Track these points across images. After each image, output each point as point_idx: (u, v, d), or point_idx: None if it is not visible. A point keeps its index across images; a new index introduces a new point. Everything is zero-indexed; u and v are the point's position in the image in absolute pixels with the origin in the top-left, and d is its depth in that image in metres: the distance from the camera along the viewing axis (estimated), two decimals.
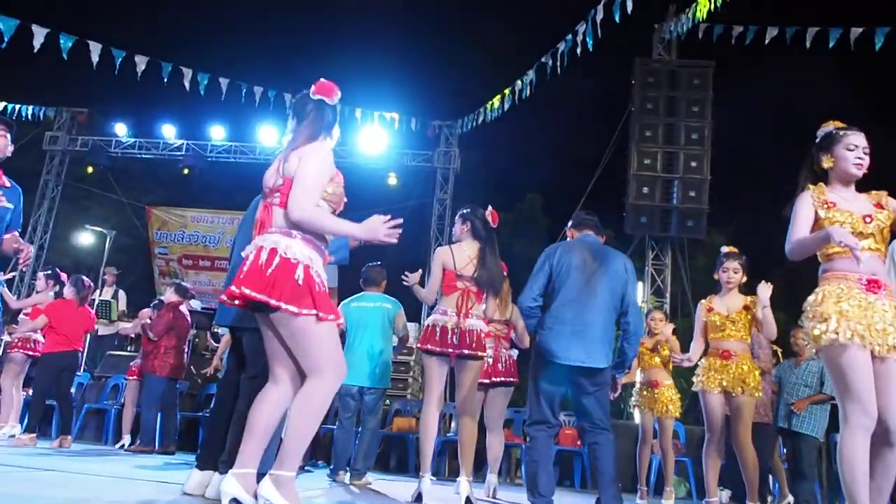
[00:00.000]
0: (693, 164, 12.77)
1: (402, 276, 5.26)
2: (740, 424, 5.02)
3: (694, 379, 5.25)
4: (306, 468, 7.94)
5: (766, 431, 6.82)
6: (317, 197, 3.05)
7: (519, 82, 12.79)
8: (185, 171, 15.63)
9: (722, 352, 5.13)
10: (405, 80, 21.03)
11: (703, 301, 5.38)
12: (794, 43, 11.35)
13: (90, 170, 16.12)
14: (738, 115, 17.20)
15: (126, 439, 8.04)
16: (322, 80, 3.26)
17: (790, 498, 7.14)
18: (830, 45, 11.14)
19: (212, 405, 4.04)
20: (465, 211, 5.00)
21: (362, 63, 21.65)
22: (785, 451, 8.12)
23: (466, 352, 4.70)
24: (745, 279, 5.33)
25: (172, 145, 15.74)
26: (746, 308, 5.18)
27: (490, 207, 4.99)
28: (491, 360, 5.80)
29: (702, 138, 12.89)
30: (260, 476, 3.53)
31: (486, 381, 5.73)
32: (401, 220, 3.18)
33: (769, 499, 7.05)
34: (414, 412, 9.66)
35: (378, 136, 14.61)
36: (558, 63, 11.74)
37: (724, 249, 5.46)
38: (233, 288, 2.91)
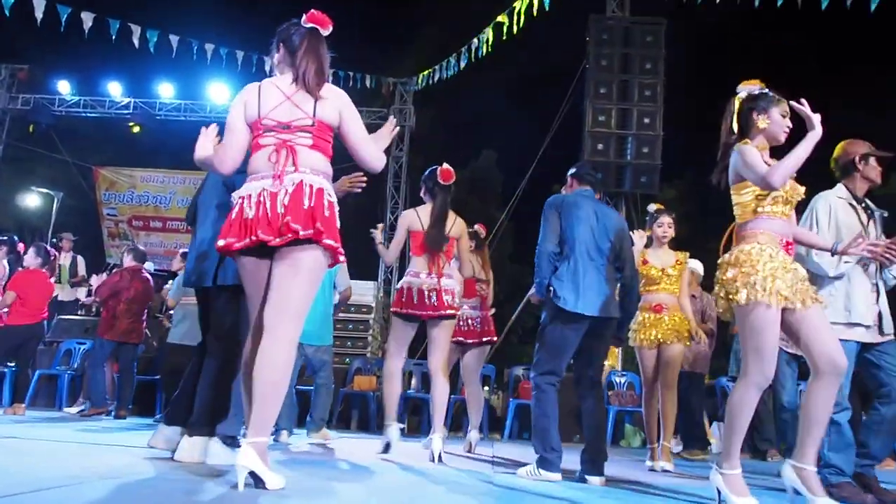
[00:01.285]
0: (646, 120, 12.88)
1: (370, 231, 5.36)
2: (668, 370, 5.36)
3: (630, 334, 5.44)
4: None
5: (699, 381, 7.27)
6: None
7: (475, 40, 12.71)
8: (136, 129, 15.28)
9: (654, 305, 5.42)
10: (358, 38, 20.73)
11: (641, 253, 5.49)
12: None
13: (31, 129, 15.63)
14: (691, 70, 17.37)
15: (85, 404, 7.98)
16: (313, 10, 3.20)
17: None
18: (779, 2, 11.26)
19: (191, 365, 4.01)
20: (424, 174, 5.08)
21: None
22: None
23: (443, 312, 4.80)
24: (673, 233, 5.60)
25: (119, 104, 15.32)
26: (679, 263, 5.47)
27: (444, 165, 5.01)
28: (479, 321, 6.05)
29: (654, 95, 12.99)
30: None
31: (474, 340, 6.00)
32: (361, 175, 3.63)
33: (710, 446, 7.35)
34: (374, 370, 9.73)
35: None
36: (514, 22, 11.69)
37: (653, 207, 5.69)
38: (293, 224, 2.82)
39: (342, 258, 3.03)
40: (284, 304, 2.90)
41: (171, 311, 7.76)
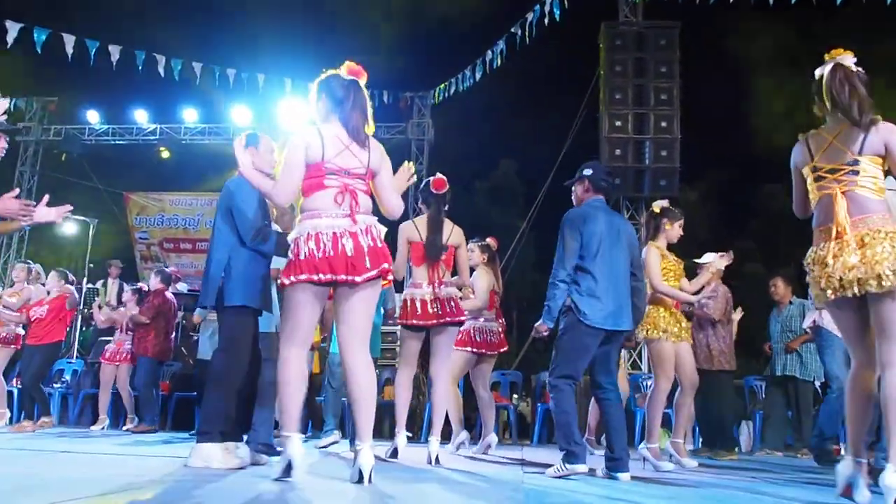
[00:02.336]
0: (663, 124, 12.97)
1: None
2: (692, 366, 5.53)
3: (652, 329, 5.32)
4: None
5: (723, 379, 7.00)
6: None
7: (490, 52, 12.92)
8: (165, 154, 15.65)
9: (675, 303, 5.45)
10: (375, 55, 21.04)
11: (654, 247, 5.41)
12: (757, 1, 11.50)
13: (63, 157, 16.08)
14: (706, 73, 17.42)
15: (105, 421, 8.32)
16: (350, 63, 3.53)
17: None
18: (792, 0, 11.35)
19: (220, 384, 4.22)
20: (420, 187, 5.19)
21: (334, 40, 21.63)
22: (763, 397, 8.57)
23: (447, 319, 4.93)
24: None
25: (146, 130, 15.66)
26: (678, 261, 5.57)
27: (438, 174, 5.14)
28: (498, 332, 6.24)
29: (671, 98, 13.07)
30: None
31: (493, 352, 6.19)
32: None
33: (737, 447, 7.42)
34: None
35: None
36: (527, 33, 11.90)
37: (664, 204, 5.57)
38: (371, 271, 3.29)
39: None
40: (363, 333, 3.41)
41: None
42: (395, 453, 4.92)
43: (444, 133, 16.32)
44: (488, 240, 6.44)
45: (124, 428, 8.30)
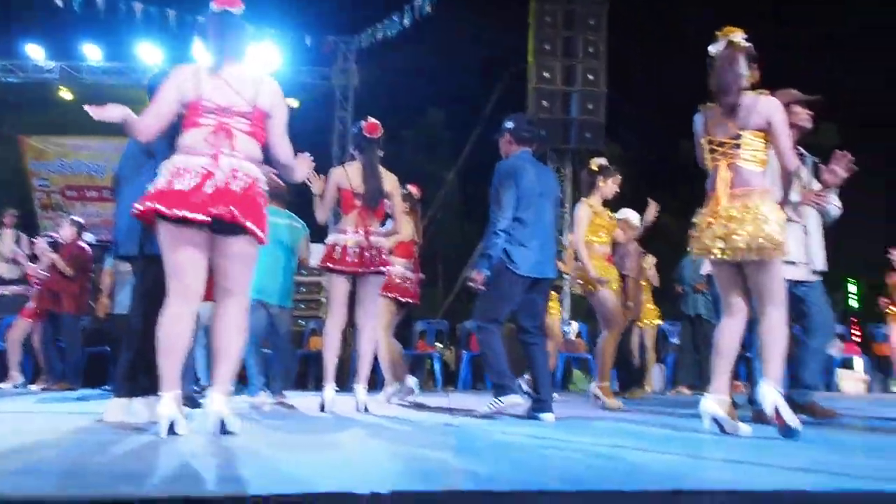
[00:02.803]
0: (591, 77, 13.06)
1: (307, 180, 5.07)
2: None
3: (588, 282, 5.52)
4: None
5: (631, 325, 7.58)
6: None
7: None
8: (66, 94, 14.69)
9: (609, 256, 5.63)
10: None
11: (586, 204, 5.59)
12: None
13: None
14: (634, 26, 17.54)
15: (18, 378, 7.98)
16: None
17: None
18: None
19: (125, 337, 4.04)
20: (352, 132, 5.11)
21: None
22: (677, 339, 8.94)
23: (372, 268, 4.88)
24: None
25: (43, 68, 14.70)
26: (611, 218, 5.71)
27: (369, 119, 5.02)
28: (411, 281, 6.11)
29: (598, 52, 13.16)
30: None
31: (405, 300, 6.05)
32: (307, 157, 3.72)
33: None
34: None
35: (271, 54, 13.87)
36: None
37: (602, 161, 5.72)
38: (215, 210, 2.95)
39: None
40: (232, 286, 3.19)
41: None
42: (322, 407, 4.78)
43: (370, 80, 15.98)
44: (409, 188, 6.25)
45: (38, 387, 7.95)
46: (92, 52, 14.63)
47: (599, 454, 2.66)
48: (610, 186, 5.63)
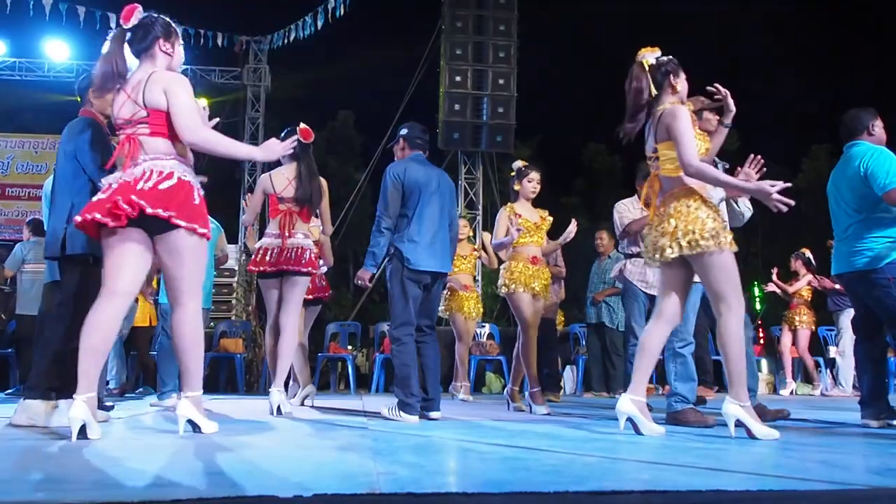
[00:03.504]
0: (501, 81, 13.30)
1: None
2: (538, 319, 5.61)
3: (504, 284, 5.57)
4: (134, 394, 7.87)
5: (551, 327, 7.85)
6: (200, 120, 3.29)
7: (332, 0, 12.63)
8: None
9: (532, 257, 5.58)
10: None
11: (507, 207, 5.68)
12: None
13: None
14: (543, 33, 17.92)
15: None
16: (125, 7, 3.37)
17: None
18: None
19: (41, 338, 3.96)
20: (281, 135, 5.09)
21: None
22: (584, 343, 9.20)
23: (292, 268, 4.98)
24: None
25: None
26: (542, 219, 5.72)
27: (302, 124, 5.12)
28: (320, 278, 6.09)
29: (508, 56, 13.41)
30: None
31: (310, 297, 5.94)
32: (296, 136, 3.85)
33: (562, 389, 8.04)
34: (239, 333, 9.73)
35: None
36: None
37: (519, 163, 5.83)
38: (130, 199, 3.01)
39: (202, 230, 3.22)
40: (178, 285, 3.25)
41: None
42: (279, 411, 4.72)
43: (282, 81, 15.82)
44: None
45: None
46: None
47: (518, 456, 2.73)
48: (526, 186, 5.66)
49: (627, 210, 5.78)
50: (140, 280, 3.26)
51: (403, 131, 4.94)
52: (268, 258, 5.01)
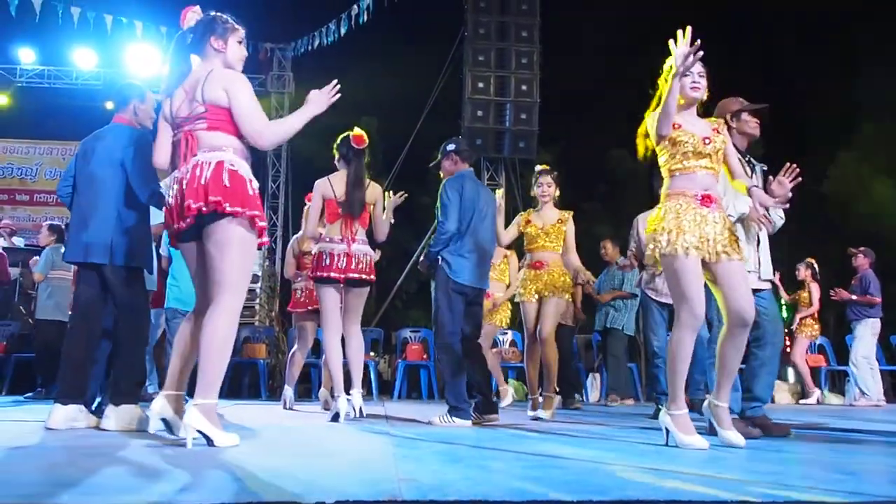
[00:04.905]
0: (524, 87, 13.30)
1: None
2: (545, 322, 5.52)
3: (516, 292, 5.79)
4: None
5: (565, 332, 7.73)
6: (264, 118, 3.29)
7: (356, 7, 12.72)
8: (1, 99, 14.38)
9: (535, 262, 5.64)
10: (233, 1, 20.07)
11: (521, 214, 5.81)
12: None
13: None
14: (565, 39, 17.89)
15: None
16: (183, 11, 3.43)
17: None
18: None
19: (72, 340, 4.01)
20: (337, 142, 5.16)
21: None
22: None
23: (355, 276, 4.92)
24: (558, 192, 5.78)
25: None
26: (560, 221, 5.66)
27: (356, 129, 5.10)
28: None
29: (531, 63, 13.41)
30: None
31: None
32: (336, 81, 3.57)
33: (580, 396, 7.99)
34: (262, 338, 9.79)
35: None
36: None
37: (538, 168, 5.89)
38: (192, 204, 3.05)
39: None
40: (217, 278, 3.10)
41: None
42: (336, 417, 4.68)
43: (306, 87, 15.89)
44: None
45: None
46: (26, 56, 14.40)
47: (542, 464, 2.71)
48: (537, 190, 5.72)
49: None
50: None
51: (452, 146, 5.07)
52: (334, 264, 4.90)
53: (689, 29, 3.34)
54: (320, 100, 3.47)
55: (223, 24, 3.39)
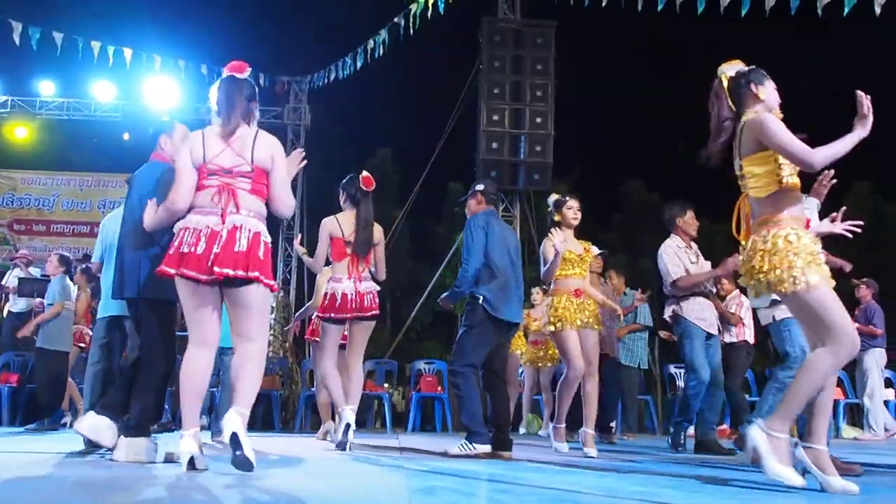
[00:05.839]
0: (538, 119, 13.34)
1: (295, 247, 5.63)
2: (592, 354, 5.37)
3: (551, 319, 5.33)
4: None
5: (610, 364, 7.45)
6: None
7: (371, 41, 12.88)
8: (18, 129, 14.58)
9: (575, 290, 5.37)
10: (251, 35, 20.45)
11: (552, 235, 5.24)
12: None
13: None
14: (580, 71, 18.01)
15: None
16: (233, 61, 3.55)
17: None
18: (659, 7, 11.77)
19: (139, 381, 4.02)
20: (343, 182, 5.25)
21: (208, 18, 20.82)
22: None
23: (365, 314, 5.05)
24: None
25: None
26: (586, 251, 5.49)
27: (364, 172, 5.18)
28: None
29: (545, 95, 13.46)
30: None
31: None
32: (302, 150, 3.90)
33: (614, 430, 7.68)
34: (276, 370, 9.78)
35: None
36: (410, 23, 11.95)
37: (554, 197, 5.58)
38: (229, 271, 3.19)
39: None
40: (246, 333, 3.38)
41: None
42: (346, 429, 4.87)
43: (322, 119, 16.08)
44: None
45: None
46: (46, 88, 14.59)
47: (557, 498, 2.68)
48: (566, 214, 5.43)
49: (674, 257, 5.66)
50: (220, 329, 3.47)
51: (480, 186, 5.24)
52: (337, 304, 4.99)
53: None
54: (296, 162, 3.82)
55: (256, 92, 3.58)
